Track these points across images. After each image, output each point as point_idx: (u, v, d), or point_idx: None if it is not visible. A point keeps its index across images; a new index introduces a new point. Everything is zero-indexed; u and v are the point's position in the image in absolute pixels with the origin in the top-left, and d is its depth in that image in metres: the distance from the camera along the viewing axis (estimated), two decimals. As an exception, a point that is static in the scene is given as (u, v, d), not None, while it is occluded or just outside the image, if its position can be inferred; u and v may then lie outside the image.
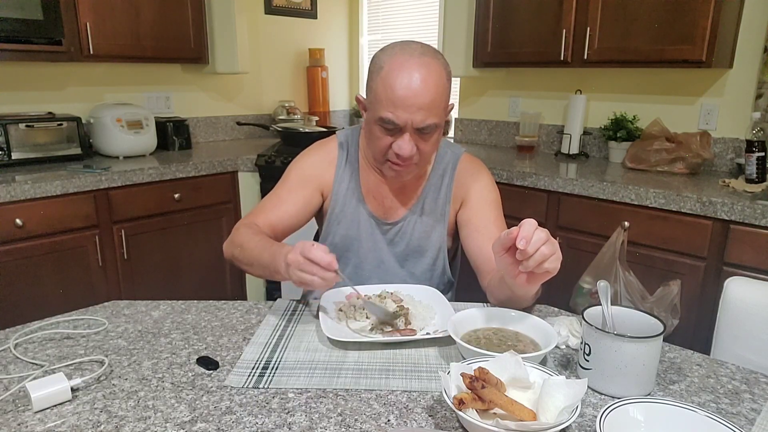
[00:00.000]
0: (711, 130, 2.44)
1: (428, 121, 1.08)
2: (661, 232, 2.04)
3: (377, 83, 1.09)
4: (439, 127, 1.12)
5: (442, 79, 1.09)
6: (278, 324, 1.06)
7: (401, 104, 1.06)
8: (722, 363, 0.94)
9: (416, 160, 1.14)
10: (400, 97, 1.05)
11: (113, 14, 2.48)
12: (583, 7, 2.42)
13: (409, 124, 1.08)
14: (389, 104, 1.07)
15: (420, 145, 1.12)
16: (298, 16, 3.68)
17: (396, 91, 1.05)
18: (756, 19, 2.27)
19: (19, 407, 0.78)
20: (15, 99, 2.57)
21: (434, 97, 1.07)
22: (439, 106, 1.09)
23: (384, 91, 1.07)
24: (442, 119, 1.12)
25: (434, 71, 1.07)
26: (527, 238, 0.86)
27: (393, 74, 1.06)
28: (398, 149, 1.11)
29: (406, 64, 1.06)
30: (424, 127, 1.08)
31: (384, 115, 1.08)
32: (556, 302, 1.22)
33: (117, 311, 1.11)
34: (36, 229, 2.10)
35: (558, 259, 0.89)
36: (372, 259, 1.29)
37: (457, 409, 0.70)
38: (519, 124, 3.07)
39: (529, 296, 1.04)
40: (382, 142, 1.12)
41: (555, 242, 0.89)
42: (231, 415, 0.77)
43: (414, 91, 1.05)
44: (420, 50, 1.08)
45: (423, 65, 1.06)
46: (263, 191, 2.81)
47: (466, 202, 1.27)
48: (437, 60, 1.09)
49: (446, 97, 1.12)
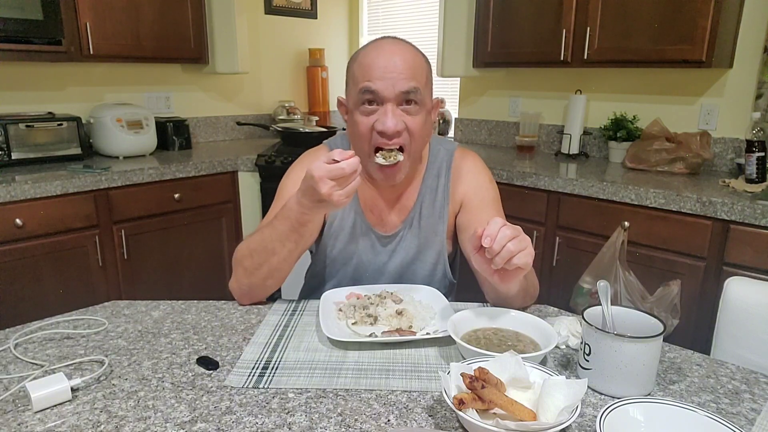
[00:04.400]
0: (711, 130, 2.44)
1: (411, 83, 1.06)
2: (661, 232, 2.04)
3: (354, 66, 1.10)
4: (423, 99, 1.09)
5: (419, 56, 1.10)
6: (278, 324, 1.06)
7: (380, 75, 1.05)
8: (722, 363, 0.94)
9: (405, 142, 1.09)
10: (377, 67, 1.06)
11: (113, 14, 2.48)
12: (583, 7, 2.42)
13: (390, 91, 1.05)
14: (367, 75, 1.06)
15: (406, 120, 1.08)
16: (298, 16, 3.68)
17: (372, 62, 1.06)
18: (756, 19, 2.28)
19: (19, 407, 0.78)
20: (15, 99, 2.57)
21: (412, 63, 1.07)
22: (419, 72, 1.08)
23: (360, 69, 1.08)
24: (426, 88, 1.11)
25: (409, 49, 1.10)
26: (492, 236, 0.86)
27: (367, 53, 1.08)
28: (382, 126, 1.06)
29: (380, 43, 1.10)
30: (408, 90, 1.06)
31: (363, 86, 1.06)
32: (556, 302, 1.22)
33: (117, 311, 1.11)
34: (36, 229, 2.10)
35: (529, 254, 0.88)
36: (371, 271, 1.26)
37: (457, 409, 0.70)
38: (519, 124, 3.07)
39: (512, 293, 1.03)
40: (365, 125, 1.09)
41: (525, 239, 0.89)
42: (231, 415, 0.77)
43: (391, 60, 1.06)
44: (393, 39, 1.11)
45: (396, 43, 1.09)
46: (263, 191, 2.82)
47: (465, 205, 1.24)
48: (413, 46, 1.12)
49: (426, 73, 1.12)
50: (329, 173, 0.91)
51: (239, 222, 2.79)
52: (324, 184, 0.91)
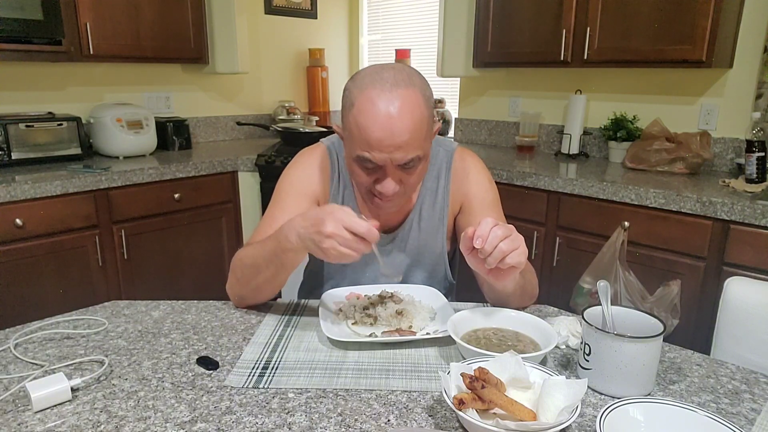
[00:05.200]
0: (711, 130, 2.44)
1: (410, 155, 1.00)
2: (661, 232, 2.04)
3: (350, 121, 1.01)
4: (423, 158, 1.04)
5: (419, 108, 0.99)
6: (278, 324, 1.06)
7: (377, 146, 0.98)
8: (722, 363, 0.94)
9: (402, 193, 1.07)
10: (375, 139, 0.98)
11: (113, 14, 2.48)
12: (583, 7, 2.42)
13: (389, 162, 1.01)
14: (365, 145, 0.99)
15: (404, 179, 1.05)
16: (298, 16, 3.68)
17: (370, 133, 0.97)
18: (756, 19, 2.28)
19: (19, 407, 0.78)
20: (15, 99, 2.57)
21: (412, 131, 0.98)
22: (420, 137, 1.00)
23: (358, 131, 0.99)
24: (426, 149, 1.04)
25: (409, 102, 0.98)
26: (483, 236, 0.86)
27: (364, 114, 0.98)
28: (381, 188, 1.04)
29: (377, 101, 0.97)
30: (406, 162, 1.01)
31: (361, 155, 1.01)
32: (556, 302, 1.22)
33: (117, 311, 1.11)
34: (36, 229, 2.10)
35: (522, 253, 0.88)
36: (370, 272, 1.26)
37: (457, 409, 0.70)
38: (519, 124, 3.07)
39: (509, 291, 1.02)
40: (363, 179, 1.06)
41: (517, 238, 0.89)
42: (231, 415, 0.77)
43: (389, 131, 0.97)
44: (392, 80, 0.98)
45: (396, 99, 0.97)
46: (263, 191, 2.82)
47: (464, 207, 1.23)
48: (413, 88, 0.99)
49: (427, 124, 1.02)
50: (349, 221, 0.87)
51: (239, 222, 2.79)
52: (336, 224, 0.87)
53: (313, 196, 1.22)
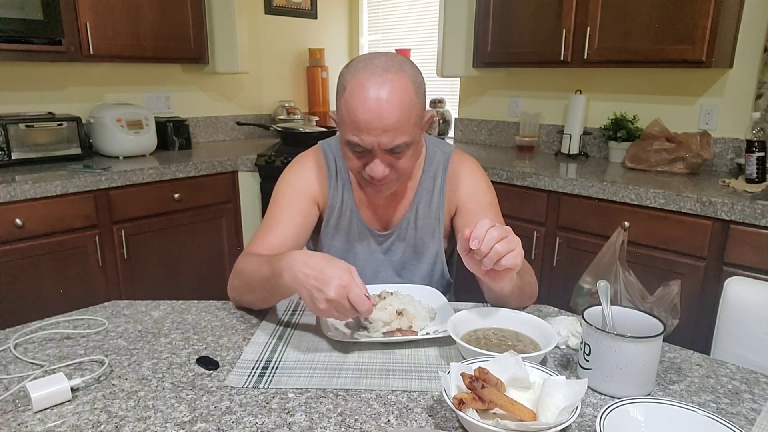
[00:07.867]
0: (711, 130, 2.44)
1: (397, 141, 1.02)
2: (661, 232, 2.04)
3: (341, 105, 1.04)
4: (411, 144, 1.06)
5: (408, 94, 1.01)
6: (278, 324, 1.06)
7: (365, 128, 1.01)
8: (722, 363, 0.94)
9: (393, 178, 1.09)
10: (363, 121, 1.00)
11: (113, 14, 2.48)
12: (583, 7, 2.42)
13: (377, 147, 1.03)
14: (354, 128, 1.02)
15: (394, 163, 1.07)
16: (298, 16, 3.68)
17: (358, 114, 1.00)
18: (756, 19, 2.28)
19: (19, 407, 0.78)
20: (15, 99, 2.57)
21: (399, 116, 1.00)
22: (408, 123, 1.02)
23: (347, 114, 1.02)
24: (415, 135, 1.06)
25: (399, 87, 1.00)
26: (479, 238, 0.87)
27: (354, 96, 1.00)
28: (371, 171, 1.06)
29: (367, 84, 1.00)
30: (394, 147, 1.03)
31: (350, 139, 1.03)
32: (556, 302, 1.22)
33: (117, 311, 1.11)
34: (36, 229, 2.10)
35: (518, 255, 0.89)
36: (368, 270, 1.27)
37: (457, 409, 0.70)
38: (519, 124, 3.07)
39: (506, 292, 1.03)
40: (355, 163, 1.08)
41: (513, 239, 0.89)
42: (231, 415, 0.77)
43: (377, 114, 0.99)
44: (383, 65, 1.01)
45: (385, 83, 0.99)
46: (263, 191, 2.82)
47: (460, 208, 1.24)
48: (402, 74, 1.02)
49: (416, 111, 1.04)
50: (354, 295, 0.87)
51: (239, 222, 2.79)
52: (340, 292, 0.86)
53: (312, 197, 1.23)
